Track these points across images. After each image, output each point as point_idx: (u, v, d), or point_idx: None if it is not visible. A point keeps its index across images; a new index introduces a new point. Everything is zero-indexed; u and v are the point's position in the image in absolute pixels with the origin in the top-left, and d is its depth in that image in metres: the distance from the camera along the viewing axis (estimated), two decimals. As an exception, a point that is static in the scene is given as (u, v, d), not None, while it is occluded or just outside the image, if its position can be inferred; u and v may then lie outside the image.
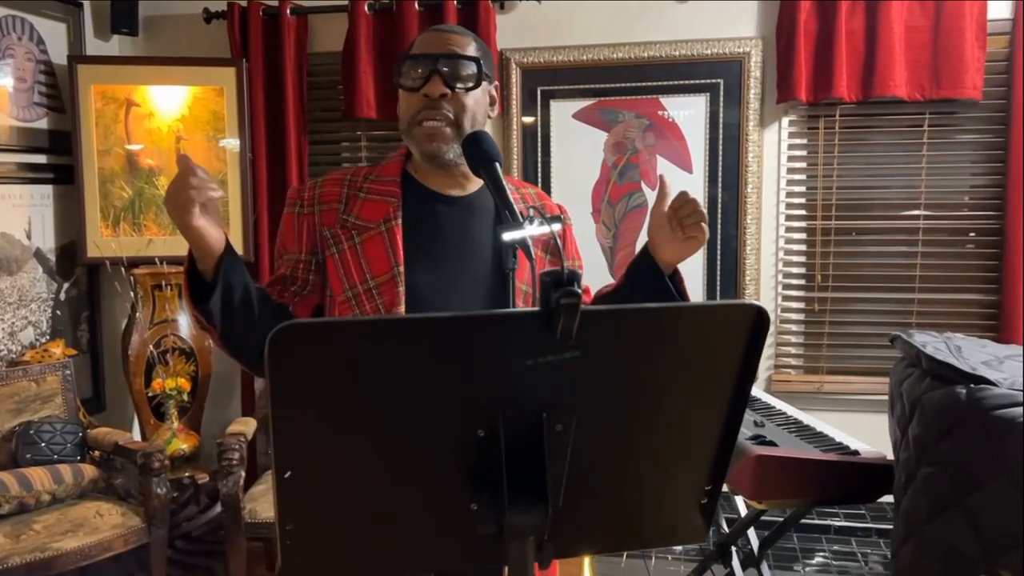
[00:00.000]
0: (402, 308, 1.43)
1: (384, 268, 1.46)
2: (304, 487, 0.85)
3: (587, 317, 0.82)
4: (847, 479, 2.00)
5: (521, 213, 1.34)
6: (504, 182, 1.34)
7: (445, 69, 1.43)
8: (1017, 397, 1.49)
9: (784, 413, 2.47)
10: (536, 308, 0.82)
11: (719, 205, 3.49)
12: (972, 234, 3.38)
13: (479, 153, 1.39)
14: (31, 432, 3.01)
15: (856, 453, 2.06)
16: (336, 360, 0.79)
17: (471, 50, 1.48)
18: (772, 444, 2.07)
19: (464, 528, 0.90)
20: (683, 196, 1.42)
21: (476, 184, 1.55)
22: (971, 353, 1.78)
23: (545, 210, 1.64)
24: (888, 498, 1.95)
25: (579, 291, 0.80)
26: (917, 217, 3.38)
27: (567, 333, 0.82)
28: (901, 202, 3.40)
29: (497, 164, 1.38)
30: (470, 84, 1.46)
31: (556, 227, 1.03)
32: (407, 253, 1.47)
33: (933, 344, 1.80)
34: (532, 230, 1.09)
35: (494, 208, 1.57)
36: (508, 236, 1.10)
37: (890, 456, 2.03)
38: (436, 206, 1.52)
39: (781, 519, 2.81)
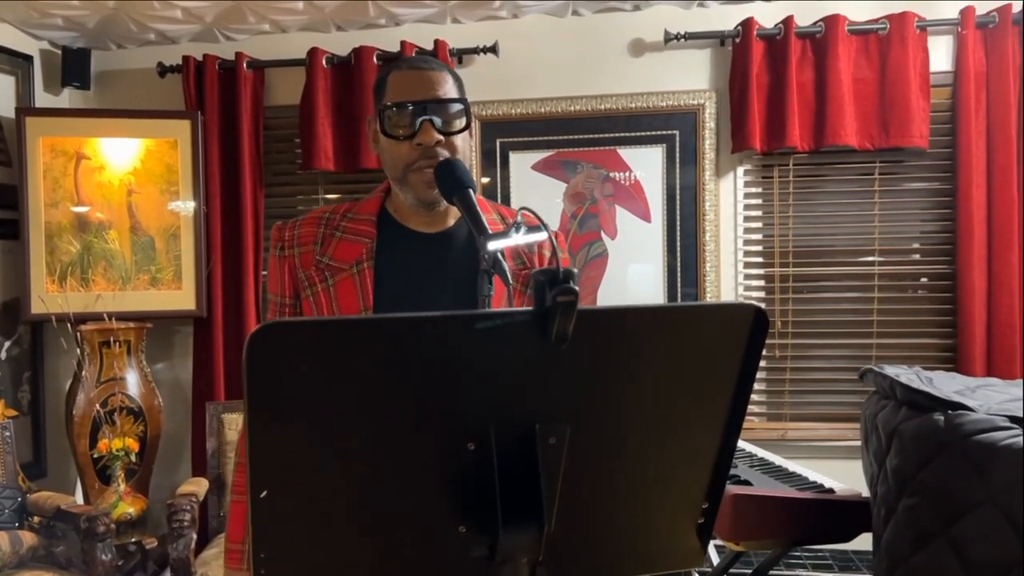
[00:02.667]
0: None
1: (353, 310, 1.44)
2: (280, 508, 0.79)
3: (584, 317, 0.78)
4: (824, 517, 1.97)
5: (555, 237, 1.32)
6: (478, 209, 1.31)
7: (435, 117, 1.40)
8: (996, 422, 1.48)
9: (752, 453, 2.44)
10: (530, 308, 0.78)
11: (678, 253, 3.50)
12: (925, 279, 3.44)
13: (452, 180, 1.37)
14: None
15: (831, 491, 2.04)
16: (319, 363, 0.74)
17: (453, 88, 1.45)
18: (747, 483, 2.03)
19: (453, 552, 0.84)
20: None
21: (454, 219, 1.53)
22: (943, 383, 1.77)
23: (535, 246, 1.61)
24: (858, 544, 1.92)
25: (576, 288, 0.76)
26: (872, 263, 3.43)
27: (562, 335, 0.78)
28: (856, 248, 3.46)
29: (471, 191, 1.35)
30: (460, 127, 1.44)
31: (542, 236, 0.99)
32: (380, 293, 1.45)
33: (906, 375, 1.80)
34: (518, 238, 1.05)
35: (469, 241, 1.55)
36: (492, 245, 1.06)
37: (865, 493, 2.01)
38: (412, 243, 1.49)
39: (750, 571, 2.76)
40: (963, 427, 1.50)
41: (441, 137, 1.41)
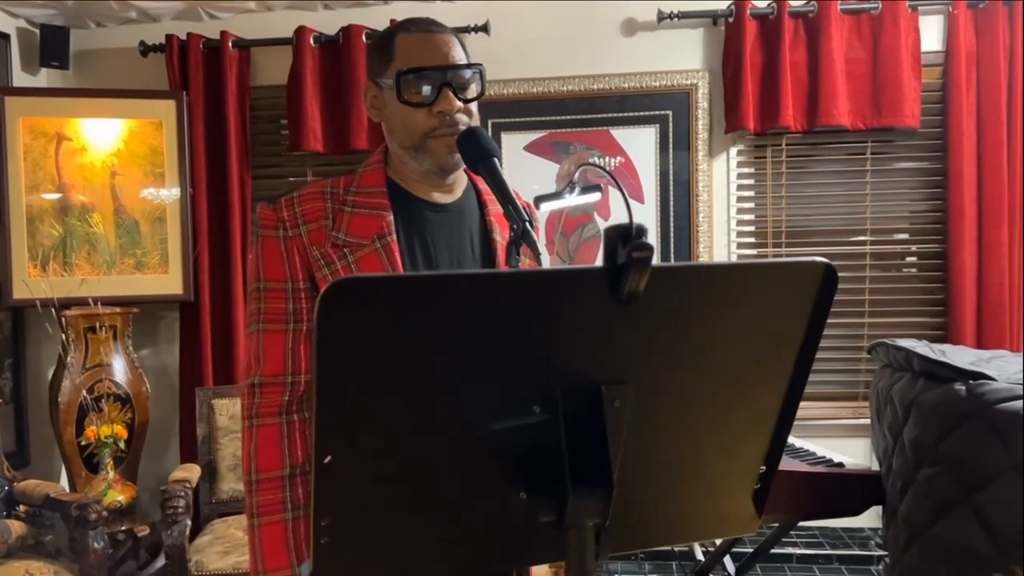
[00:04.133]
0: None
1: None
2: (344, 474, 0.76)
3: (656, 275, 0.76)
4: (835, 492, 1.97)
5: (526, 208, 1.29)
6: (504, 178, 1.29)
7: (455, 82, 1.36)
8: (1017, 390, 1.48)
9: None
10: (601, 264, 0.76)
11: (671, 234, 3.50)
12: (915, 258, 3.47)
13: (478, 150, 1.33)
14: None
15: (841, 465, 2.04)
16: (394, 321, 0.70)
17: (463, 53, 1.41)
18: (758, 459, 2.02)
19: (519, 517, 0.82)
20: None
21: (461, 188, 1.49)
22: (956, 356, 1.78)
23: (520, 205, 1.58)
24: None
25: (652, 245, 0.74)
26: (864, 242, 3.45)
27: (633, 293, 0.76)
28: (848, 228, 3.47)
29: (496, 160, 1.32)
30: (476, 93, 1.40)
31: (596, 196, 0.97)
32: (405, 267, 1.39)
33: (921, 348, 1.80)
34: (572, 199, 1.02)
35: (479, 213, 1.51)
36: (547, 205, 1.04)
37: (876, 467, 2.01)
38: (426, 214, 1.45)
39: (751, 549, 2.78)
40: (985, 396, 1.50)
41: (461, 104, 1.38)
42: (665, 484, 0.89)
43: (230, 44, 3.55)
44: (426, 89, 1.36)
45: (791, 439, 2.30)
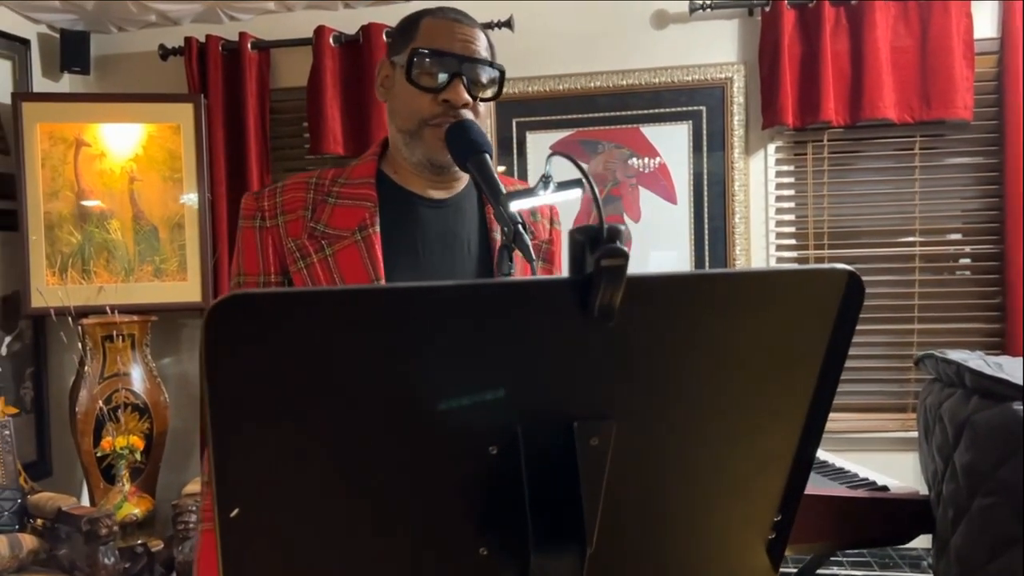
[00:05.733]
0: None
1: (362, 282, 1.25)
2: (256, 530, 0.63)
3: (635, 286, 0.61)
4: (879, 518, 1.79)
5: (521, 215, 1.15)
6: (495, 176, 1.15)
7: (469, 76, 1.26)
8: (1087, 411, 1.30)
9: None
10: (566, 275, 0.62)
11: (706, 237, 3.32)
12: (969, 260, 3.25)
13: (467, 144, 1.21)
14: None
15: (885, 489, 1.86)
16: (302, 345, 0.57)
17: (488, 54, 1.31)
18: (793, 481, 1.85)
19: (474, 580, 0.68)
20: None
21: (460, 184, 1.37)
22: (1014, 370, 1.59)
23: (538, 213, 1.45)
24: (918, 542, 1.75)
25: (625, 249, 0.60)
26: (912, 243, 3.24)
27: (607, 308, 0.62)
28: (895, 228, 3.26)
29: (487, 156, 1.19)
30: (490, 94, 1.30)
31: (577, 192, 0.83)
32: (387, 264, 1.27)
33: (973, 361, 1.62)
34: (547, 196, 0.88)
35: (480, 210, 1.38)
36: (516, 205, 0.90)
37: (922, 491, 1.83)
38: (418, 210, 1.33)
39: (794, 571, 2.60)
40: (1049, 418, 1.32)
41: (470, 99, 1.25)
42: (657, 539, 0.74)
43: (249, 46, 3.46)
44: (438, 74, 1.26)
45: (829, 457, 2.12)
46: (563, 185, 0.87)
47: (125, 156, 3.39)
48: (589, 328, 0.63)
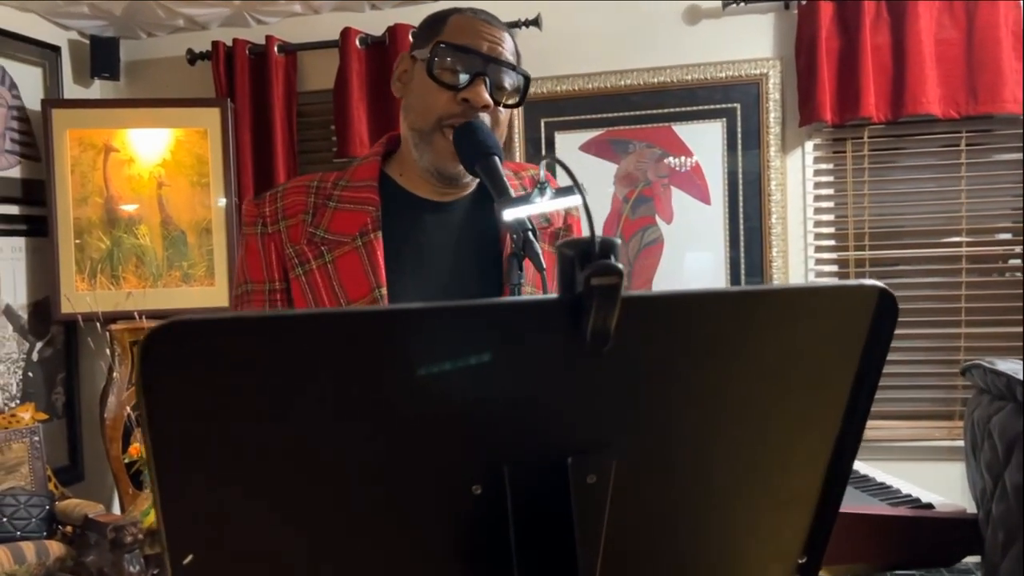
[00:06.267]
0: None
1: (362, 290, 1.20)
2: (213, 578, 0.57)
3: (632, 306, 0.54)
4: (922, 538, 1.69)
5: (531, 219, 1.08)
6: (505, 182, 1.08)
7: (493, 78, 1.20)
8: None
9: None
10: (553, 295, 0.55)
11: (741, 238, 3.22)
12: (1020, 260, 3.10)
13: (475, 146, 1.14)
14: (-9, 506, 2.71)
15: (930, 507, 1.75)
16: (250, 379, 0.51)
17: (513, 55, 1.25)
18: (831, 498, 1.76)
19: (456, 633, 0.61)
20: None
21: (469, 187, 1.30)
22: (1069, 381, 1.48)
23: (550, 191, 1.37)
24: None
25: (619, 266, 0.53)
26: (959, 244, 3.10)
27: (602, 331, 0.55)
28: (940, 228, 3.13)
29: (497, 158, 1.12)
30: (513, 100, 1.24)
31: (573, 200, 0.76)
32: (389, 271, 1.21)
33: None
34: (543, 205, 0.81)
35: (490, 214, 1.32)
36: (510, 214, 0.83)
37: (970, 508, 1.72)
38: (422, 215, 1.26)
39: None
40: (1109, 437, 1.22)
41: (490, 102, 1.19)
42: (666, 583, 0.67)
43: (275, 49, 3.44)
44: (460, 72, 1.20)
45: (871, 470, 2.01)
46: (561, 192, 0.80)
47: (153, 161, 3.38)
48: (582, 353, 0.56)
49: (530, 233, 1.04)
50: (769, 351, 0.60)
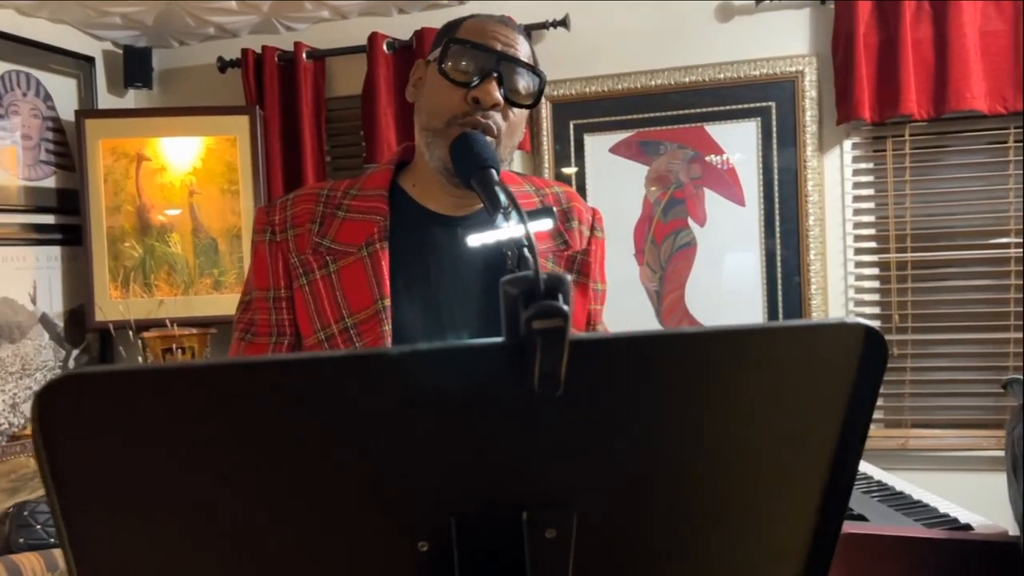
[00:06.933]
0: None
1: (365, 302, 1.17)
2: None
3: (583, 349, 0.49)
4: (960, 563, 1.60)
5: (531, 237, 1.03)
6: (499, 194, 1.03)
7: (504, 74, 1.17)
8: None
9: (868, 476, 2.07)
10: (498, 338, 0.50)
11: (777, 241, 3.12)
12: (1073, 262, 2.96)
13: (471, 158, 1.09)
14: (25, 514, 2.74)
15: (968, 528, 1.66)
16: (157, 433, 0.47)
17: (529, 58, 1.22)
18: (861, 518, 1.68)
19: None
20: None
21: (478, 202, 1.26)
22: (1118, 398, 1.38)
23: (573, 212, 1.32)
24: None
25: (563, 307, 0.48)
26: (1007, 245, 2.97)
27: (550, 376, 0.50)
28: (988, 228, 2.99)
29: (493, 171, 1.07)
30: (527, 101, 1.20)
31: (543, 224, 0.70)
32: (393, 283, 1.18)
33: (1068, 388, 1.42)
34: (510, 230, 0.77)
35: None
36: (473, 240, 0.78)
37: (1013, 530, 1.62)
38: (431, 228, 1.23)
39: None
40: None
41: (501, 100, 1.15)
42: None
43: (304, 55, 3.43)
44: (472, 69, 1.17)
45: (907, 487, 1.92)
46: (535, 214, 0.75)
47: (184, 169, 3.40)
48: (531, 399, 0.51)
49: (526, 250, 1.00)
50: (743, 396, 0.54)
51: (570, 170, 3.27)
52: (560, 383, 0.50)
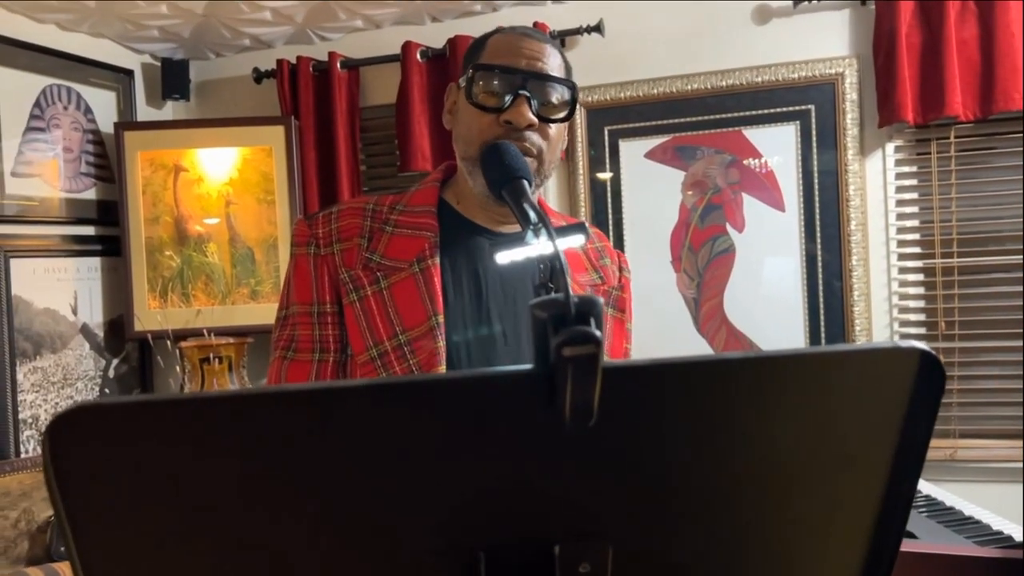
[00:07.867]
0: (443, 368, 1.12)
1: (419, 318, 1.15)
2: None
3: (617, 377, 0.46)
4: (1015, 581, 1.53)
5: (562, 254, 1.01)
6: (528, 210, 1.01)
7: (535, 94, 1.14)
8: None
9: (918, 491, 2.00)
10: (527, 366, 0.47)
11: (819, 246, 3.06)
12: None
13: (503, 169, 1.07)
14: (66, 522, 2.77)
15: (1023, 546, 1.59)
16: (170, 465, 0.45)
17: (560, 69, 1.19)
18: (910, 535, 1.62)
19: None
20: None
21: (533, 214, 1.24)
22: None
23: (605, 250, 1.30)
24: None
25: (596, 333, 0.45)
26: (1059, 249, 2.87)
27: (583, 406, 0.47)
28: (1037, 232, 2.90)
29: (525, 183, 1.05)
30: (561, 114, 1.17)
31: (575, 240, 0.68)
32: (447, 302, 1.16)
33: None
34: (541, 246, 0.74)
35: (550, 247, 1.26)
36: (503, 257, 0.76)
37: (1070, 549, 1.55)
38: (480, 242, 1.21)
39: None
40: None
41: (535, 120, 1.13)
42: None
43: (338, 65, 3.45)
44: (500, 92, 1.15)
45: (958, 503, 1.86)
46: (562, 231, 0.73)
47: (221, 180, 3.43)
48: (563, 429, 0.48)
49: (558, 263, 0.97)
50: (789, 423, 0.51)
51: (605, 176, 3.24)
52: (593, 413, 0.47)
